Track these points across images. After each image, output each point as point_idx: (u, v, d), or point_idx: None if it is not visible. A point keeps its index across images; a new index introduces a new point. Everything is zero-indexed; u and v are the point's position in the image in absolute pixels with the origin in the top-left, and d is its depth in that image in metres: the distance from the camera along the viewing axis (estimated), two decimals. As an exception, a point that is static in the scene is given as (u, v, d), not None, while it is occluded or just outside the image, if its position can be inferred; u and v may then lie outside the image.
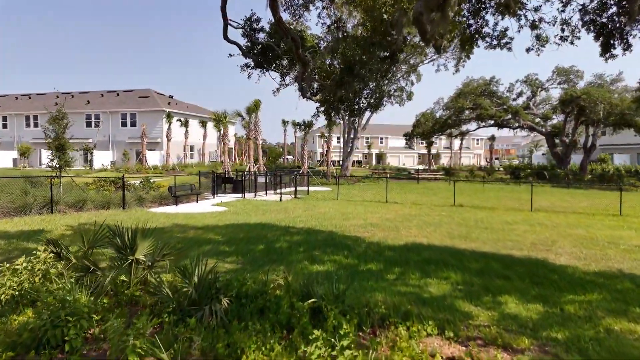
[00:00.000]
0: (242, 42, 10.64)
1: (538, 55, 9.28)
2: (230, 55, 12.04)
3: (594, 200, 22.68)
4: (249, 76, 13.07)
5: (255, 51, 10.82)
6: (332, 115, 29.95)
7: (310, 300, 5.16)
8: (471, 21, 8.60)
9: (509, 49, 9.02)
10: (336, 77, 10.33)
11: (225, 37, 9.20)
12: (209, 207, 16.96)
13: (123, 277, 6.39)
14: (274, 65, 11.81)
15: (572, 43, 8.54)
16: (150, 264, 6.59)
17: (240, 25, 10.21)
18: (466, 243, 10.51)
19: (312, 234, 11.09)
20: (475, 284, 7.18)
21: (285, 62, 12.60)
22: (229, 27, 8.86)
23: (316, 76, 11.72)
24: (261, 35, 10.75)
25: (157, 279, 6.39)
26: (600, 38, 7.83)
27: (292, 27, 10.39)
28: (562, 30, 8.54)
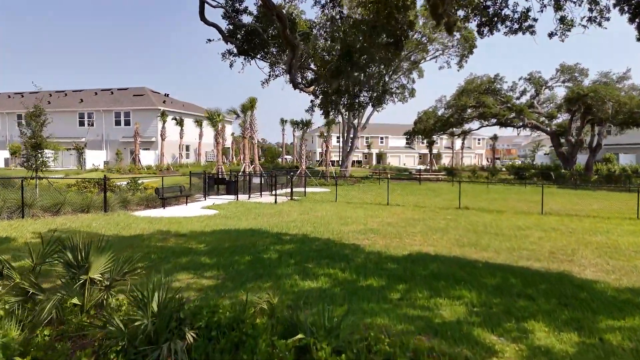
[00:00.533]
0: (224, 24, 9.52)
1: (562, 40, 8.20)
2: (209, 40, 10.72)
3: (605, 202, 21.62)
4: (231, 65, 11.92)
5: (238, 36, 9.65)
6: (330, 110, 28.48)
7: (295, 338, 4.09)
8: (489, 2, 7.52)
9: (532, 32, 7.94)
10: (332, 65, 9.21)
11: (202, 18, 8.06)
12: (198, 210, 15.90)
13: (75, 301, 5.34)
14: (261, 53, 10.64)
15: (600, 25, 7.48)
16: (108, 284, 5.54)
17: (220, 5, 9.03)
18: (477, 252, 9.45)
19: (306, 242, 10.02)
20: (493, 305, 6.11)
21: (274, 50, 11.42)
22: (206, 5, 7.76)
23: (311, 64, 10.59)
24: (246, 18, 9.62)
25: (116, 302, 5.37)
26: (637, 20, 6.78)
27: (283, 10, 9.31)
28: (590, 10, 7.48)
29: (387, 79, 32.28)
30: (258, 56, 10.66)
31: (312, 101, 32.58)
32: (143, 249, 8.97)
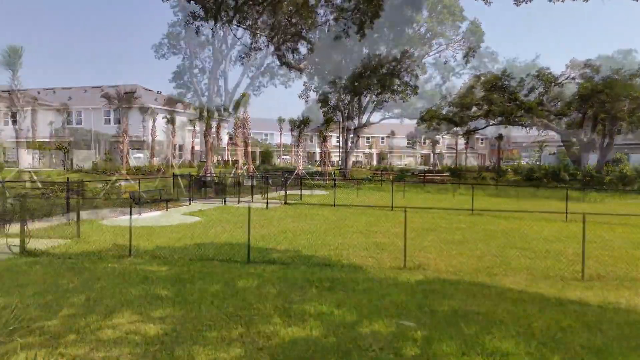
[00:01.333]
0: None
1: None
2: (167, -3, 8.49)
3: (629, 206, 19.78)
4: (197, 31, 9.82)
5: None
6: (329, 94, 25.60)
7: None
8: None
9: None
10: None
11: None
12: (178, 217, 14.06)
13: None
14: (237, 16, 8.59)
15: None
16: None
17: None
18: (509, 276, 7.59)
19: (295, 262, 8.20)
20: (555, 369, 4.26)
21: (255, 14, 9.35)
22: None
23: (302, 30, 8.55)
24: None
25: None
26: None
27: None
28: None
29: (404, 51, 29.31)
30: (234, 22, 8.66)
31: (305, 83, 30.17)
32: (86, 273, 7.12)
